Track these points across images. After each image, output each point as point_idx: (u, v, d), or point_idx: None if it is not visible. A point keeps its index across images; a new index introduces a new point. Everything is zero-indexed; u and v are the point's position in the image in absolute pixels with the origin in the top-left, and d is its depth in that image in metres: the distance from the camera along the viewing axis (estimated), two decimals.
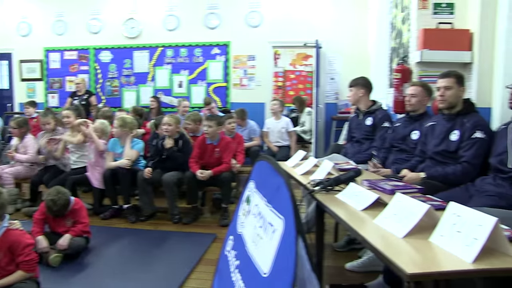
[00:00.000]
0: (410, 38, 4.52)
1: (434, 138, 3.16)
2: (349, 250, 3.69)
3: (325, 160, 2.87)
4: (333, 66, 7.97)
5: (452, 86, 3.06)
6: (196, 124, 5.32)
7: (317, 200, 2.22)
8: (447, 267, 1.34)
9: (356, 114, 4.30)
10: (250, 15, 8.09)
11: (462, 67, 4.05)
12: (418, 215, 1.57)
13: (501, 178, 2.61)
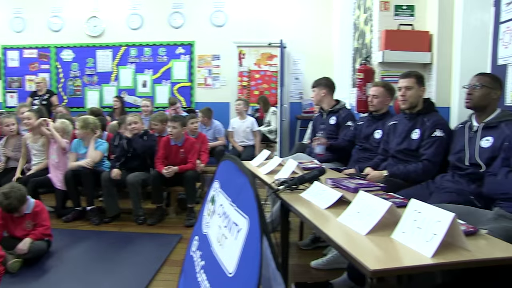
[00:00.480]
0: (372, 39, 4.60)
1: (396, 137, 3.23)
2: (314, 248, 3.73)
3: (290, 159, 2.89)
4: (298, 66, 8.04)
5: (413, 86, 3.14)
6: (163, 124, 5.27)
7: (282, 199, 2.22)
8: (408, 263, 1.37)
9: (320, 113, 4.35)
10: (215, 14, 8.06)
11: (422, 67, 4.16)
12: (380, 213, 1.60)
13: (459, 175, 2.69)
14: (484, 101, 2.66)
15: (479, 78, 2.70)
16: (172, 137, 4.79)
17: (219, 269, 1.76)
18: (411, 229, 1.49)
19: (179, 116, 5.27)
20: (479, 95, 2.65)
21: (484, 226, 1.98)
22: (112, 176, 4.61)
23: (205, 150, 5.33)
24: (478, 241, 1.57)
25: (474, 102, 2.68)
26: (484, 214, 2.26)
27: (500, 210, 2.21)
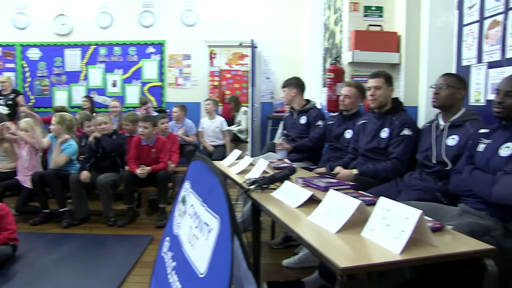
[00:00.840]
0: (342, 39, 4.65)
1: (366, 136, 3.28)
2: (286, 247, 3.74)
3: (261, 159, 2.89)
4: (269, 65, 8.07)
5: (382, 86, 3.19)
6: (134, 124, 5.21)
7: (253, 199, 2.23)
8: (377, 260, 1.39)
9: (291, 113, 4.37)
10: (186, 14, 8.01)
11: (391, 67, 4.23)
12: (350, 211, 1.62)
13: (426, 173, 2.75)
14: (449, 101, 2.73)
15: (445, 78, 2.77)
16: (143, 137, 4.75)
17: (191, 269, 1.75)
18: (380, 226, 1.52)
19: (150, 116, 5.22)
20: (445, 94, 2.72)
21: (450, 222, 2.02)
22: (82, 178, 4.52)
23: (175, 150, 5.30)
24: (444, 236, 1.60)
25: (440, 101, 2.75)
26: (450, 210, 2.32)
27: (465, 206, 2.27)
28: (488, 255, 1.48)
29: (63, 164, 4.73)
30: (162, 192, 4.71)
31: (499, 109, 2.25)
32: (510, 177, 1.94)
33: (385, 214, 1.53)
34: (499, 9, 3.03)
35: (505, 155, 2.17)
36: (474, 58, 3.30)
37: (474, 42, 3.31)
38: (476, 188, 2.23)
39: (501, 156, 2.19)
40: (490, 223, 2.07)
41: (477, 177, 2.25)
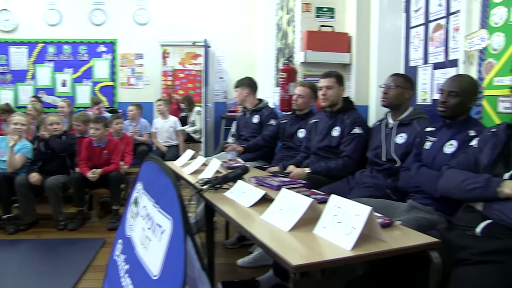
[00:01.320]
0: (295, 39, 4.70)
1: (318, 135, 3.33)
2: (241, 247, 3.74)
3: (214, 159, 2.88)
4: (222, 65, 8.05)
5: (333, 85, 3.25)
6: (85, 125, 5.06)
7: (206, 199, 2.21)
8: (329, 256, 1.40)
9: (244, 112, 4.38)
10: (138, 12, 7.86)
11: (342, 67, 4.31)
12: (302, 209, 1.63)
13: (377, 170, 2.82)
14: (398, 100, 2.81)
15: (394, 79, 2.85)
16: (94, 139, 4.64)
17: (144, 272, 1.72)
18: (332, 223, 1.54)
19: (101, 117, 5.09)
20: (394, 94, 2.80)
21: (399, 217, 2.09)
22: (31, 181, 4.34)
23: (129, 151, 5.19)
24: (393, 232, 1.65)
25: (389, 101, 2.82)
26: (399, 206, 2.39)
27: (413, 202, 2.34)
28: (433, 248, 1.54)
29: (21, 166, 4.53)
30: (115, 194, 4.61)
31: (443, 108, 2.34)
32: (453, 171, 2.01)
33: (337, 211, 1.55)
34: (442, 14, 3.16)
35: (449, 152, 2.26)
36: (420, 59, 3.42)
37: (420, 44, 3.43)
38: (423, 184, 2.31)
39: (446, 153, 2.28)
40: (435, 217, 2.15)
41: (423, 173, 2.33)
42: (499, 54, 2.46)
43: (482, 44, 2.60)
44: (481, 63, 2.60)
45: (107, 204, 4.87)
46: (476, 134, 2.18)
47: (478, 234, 1.78)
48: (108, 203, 4.81)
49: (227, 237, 3.95)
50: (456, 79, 2.38)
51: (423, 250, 1.53)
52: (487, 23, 2.56)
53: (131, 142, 5.40)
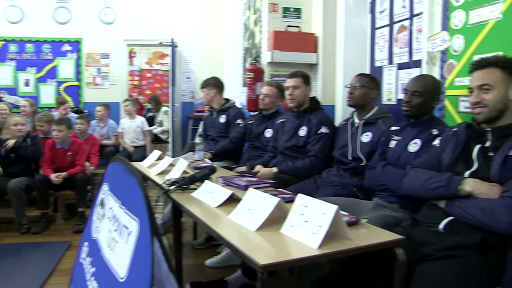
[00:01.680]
0: (261, 39, 4.70)
1: (285, 134, 3.34)
2: (209, 247, 3.72)
3: (181, 159, 2.86)
4: (189, 65, 7.99)
5: (300, 85, 3.27)
6: (49, 125, 4.93)
7: (173, 200, 2.19)
8: (296, 255, 1.41)
9: (210, 112, 4.36)
10: (104, 11, 7.72)
11: (309, 67, 4.35)
12: (269, 208, 1.63)
13: (343, 169, 2.86)
14: (363, 100, 2.85)
15: (359, 79, 2.89)
16: (58, 141, 4.52)
17: (110, 274, 1.69)
18: (299, 222, 1.55)
19: (64, 118, 4.96)
20: (359, 94, 2.84)
21: (365, 215, 2.12)
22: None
23: (95, 152, 5.09)
24: (360, 230, 1.67)
25: (355, 100, 2.86)
26: (365, 204, 2.43)
27: (379, 200, 2.38)
28: (398, 245, 1.56)
29: None
30: (81, 196, 4.51)
31: (407, 108, 2.39)
32: (416, 170, 2.05)
33: (303, 210, 1.56)
34: (406, 15, 3.22)
35: (413, 151, 2.31)
36: (385, 60, 3.48)
37: (385, 45, 3.48)
38: (388, 183, 2.34)
39: (410, 151, 2.33)
40: (400, 215, 2.19)
41: (389, 172, 2.37)
42: (460, 56, 2.53)
43: (443, 46, 2.66)
44: (443, 64, 2.67)
45: (73, 206, 4.76)
46: (439, 133, 2.23)
47: (441, 230, 1.82)
48: (74, 205, 4.71)
49: (195, 237, 3.92)
50: (420, 79, 2.43)
51: (389, 247, 1.56)
52: (448, 25, 2.62)
53: (97, 143, 5.30)
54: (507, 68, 1.84)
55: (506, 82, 1.83)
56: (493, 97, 1.83)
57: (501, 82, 1.83)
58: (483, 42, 2.36)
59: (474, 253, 1.64)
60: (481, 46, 2.37)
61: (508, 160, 1.74)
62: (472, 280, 1.58)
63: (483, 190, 1.74)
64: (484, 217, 1.66)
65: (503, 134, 1.82)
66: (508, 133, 1.81)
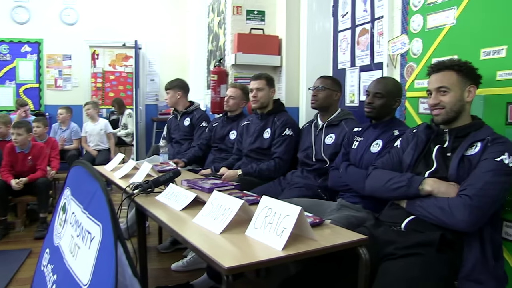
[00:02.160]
0: (225, 42, 4.70)
1: (249, 137, 3.35)
2: (174, 251, 3.69)
3: (145, 162, 2.82)
4: (153, 67, 7.88)
5: (263, 87, 3.28)
6: (6, 127, 4.78)
7: (137, 204, 2.16)
8: (261, 257, 1.41)
9: (175, 115, 4.32)
10: (65, 11, 7.51)
11: (273, 70, 4.37)
12: (233, 211, 1.63)
13: (307, 170, 2.88)
14: (327, 102, 2.88)
15: (322, 81, 2.92)
16: (17, 145, 4.38)
17: (73, 281, 1.66)
18: (263, 224, 1.55)
19: (23, 121, 4.82)
20: (323, 96, 2.87)
21: (329, 216, 2.14)
22: None
23: (55, 156, 4.96)
24: (324, 230, 1.68)
25: (318, 103, 2.89)
26: (329, 205, 2.45)
27: (342, 200, 2.42)
28: (361, 244, 1.59)
29: None
30: (42, 201, 4.38)
31: (369, 109, 2.44)
32: (378, 171, 2.09)
33: (268, 212, 1.56)
34: (367, 19, 3.28)
35: (375, 151, 2.36)
36: (348, 62, 3.53)
37: (347, 48, 3.54)
38: (351, 183, 2.38)
39: (372, 152, 2.37)
40: (364, 215, 2.22)
41: (351, 172, 2.40)
42: (419, 58, 2.59)
43: (403, 49, 2.72)
44: (403, 66, 2.73)
45: (33, 212, 4.62)
46: (400, 134, 2.29)
47: (403, 229, 1.86)
48: (34, 211, 4.57)
49: (160, 241, 3.88)
50: (381, 81, 2.48)
51: (352, 247, 1.58)
52: (407, 29, 2.69)
53: (56, 145, 5.15)
54: (462, 71, 1.90)
55: (461, 85, 1.90)
56: (450, 99, 1.90)
57: (457, 84, 1.90)
58: (439, 45, 2.43)
59: (433, 250, 1.68)
60: (438, 50, 2.44)
61: (465, 160, 1.80)
62: (433, 276, 1.62)
63: (442, 189, 1.79)
64: (443, 216, 1.71)
65: (460, 135, 1.89)
66: (465, 133, 1.88)
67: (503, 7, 2.05)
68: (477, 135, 1.84)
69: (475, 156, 1.78)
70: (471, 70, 1.92)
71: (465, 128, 1.90)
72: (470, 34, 2.23)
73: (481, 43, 2.15)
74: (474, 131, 1.87)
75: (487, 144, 1.78)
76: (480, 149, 1.79)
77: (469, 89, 1.90)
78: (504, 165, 1.71)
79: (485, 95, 2.11)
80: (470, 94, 1.90)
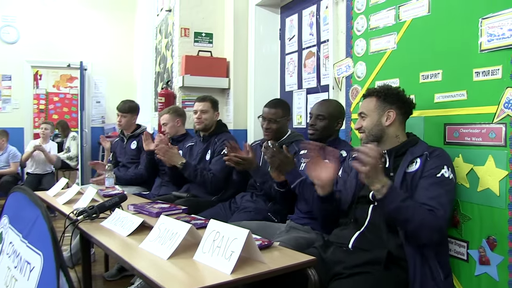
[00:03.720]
0: (173, 64, 4.69)
1: (193, 160, 3.33)
2: (121, 278, 3.57)
3: (89, 187, 2.75)
4: (99, 88, 7.73)
5: (208, 110, 3.32)
6: None
7: (81, 230, 2.09)
8: (209, 282, 1.39)
9: (121, 138, 4.23)
10: (4, 29, 7.25)
11: (221, 92, 4.39)
12: (181, 235, 1.61)
13: (257, 194, 2.87)
14: (280, 131, 2.83)
15: (274, 112, 2.80)
16: None
17: None
18: (211, 248, 1.54)
19: None
20: (276, 128, 2.80)
21: (278, 238, 2.15)
22: None
23: None
24: (273, 252, 1.69)
25: (272, 134, 2.82)
26: (278, 227, 2.47)
27: (291, 222, 2.44)
28: (310, 265, 1.60)
29: None
30: None
31: (312, 131, 2.51)
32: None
33: (216, 236, 1.56)
34: (313, 42, 3.38)
35: None
36: (295, 84, 3.61)
37: (294, 70, 3.62)
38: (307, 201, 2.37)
39: None
40: (313, 236, 2.25)
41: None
42: (363, 81, 2.68)
43: (348, 72, 2.82)
44: (348, 88, 2.82)
45: None
46: (347, 154, 2.34)
47: (350, 248, 1.90)
48: None
49: (107, 269, 3.75)
50: (323, 104, 2.55)
51: (301, 268, 1.59)
52: (351, 53, 2.78)
53: None
54: (380, 97, 2.01)
55: (378, 110, 2.01)
56: (367, 123, 2.02)
57: (374, 110, 2.01)
58: (382, 68, 2.53)
59: (381, 268, 1.72)
60: (381, 73, 2.54)
61: (407, 177, 1.87)
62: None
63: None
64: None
65: (399, 153, 1.97)
66: (403, 152, 1.96)
67: (439, 33, 2.17)
68: (414, 151, 1.93)
69: (416, 172, 1.86)
70: (391, 94, 2.01)
71: (402, 146, 1.98)
72: (409, 58, 2.34)
73: (420, 67, 2.26)
74: (411, 147, 1.96)
75: (426, 159, 1.86)
76: (420, 165, 1.86)
77: (388, 113, 1.99)
78: (445, 178, 1.80)
79: (425, 117, 2.21)
80: (390, 117, 1.99)
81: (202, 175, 3.13)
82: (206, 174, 3.14)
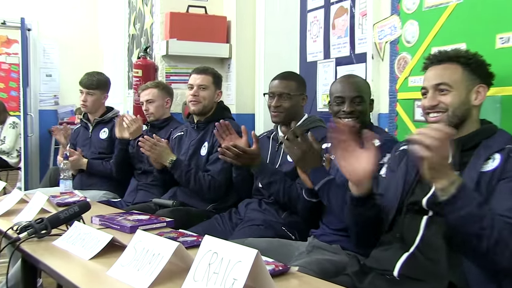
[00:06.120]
0: (153, 24, 4.68)
1: (182, 155, 3.31)
2: None
3: (38, 192, 2.76)
4: (50, 57, 7.74)
5: (209, 85, 3.29)
6: None
7: (24, 252, 2.11)
8: None
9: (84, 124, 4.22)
10: None
11: (219, 63, 4.39)
12: (165, 258, 1.62)
13: (266, 202, 2.87)
14: (293, 112, 2.84)
15: (285, 84, 2.86)
16: None
17: None
18: (206, 275, 1.55)
19: None
20: (288, 106, 2.83)
21: (296, 261, 2.16)
22: None
23: None
24: (290, 281, 1.70)
25: (283, 115, 2.85)
26: (297, 246, 2.47)
27: (314, 240, 2.44)
28: None
29: None
30: None
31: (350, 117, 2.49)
32: None
33: (212, 258, 1.56)
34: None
35: None
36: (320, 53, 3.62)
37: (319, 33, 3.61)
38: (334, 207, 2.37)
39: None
40: (343, 259, 2.25)
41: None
42: (414, 48, 2.67)
43: (393, 35, 2.81)
44: (393, 58, 2.81)
45: None
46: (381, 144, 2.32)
47: (397, 277, 1.89)
48: None
49: None
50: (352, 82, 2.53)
51: None
52: (399, 9, 2.76)
53: None
54: (469, 66, 1.94)
55: (467, 83, 1.93)
56: (453, 100, 1.91)
57: (462, 82, 1.92)
58: (441, 30, 2.51)
59: None
60: (439, 36, 2.52)
61: (482, 178, 1.79)
62: None
63: None
64: None
65: (468, 146, 1.90)
66: (474, 144, 1.90)
67: None
68: (491, 144, 1.86)
69: (494, 172, 1.79)
70: (482, 65, 1.97)
71: (473, 137, 1.92)
72: (482, 15, 2.31)
73: (498, 26, 2.23)
74: (485, 139, 1.89)
75: (508, 155, 1.80)
76: (500, 163, 1.79)
77: (478, 89, 1.93)
78: None
79: (502, 96, 2.18)
80: (479, 95, 1.93)
81: (196, 178, 3.14)
82: (202, 177, 3.15)
